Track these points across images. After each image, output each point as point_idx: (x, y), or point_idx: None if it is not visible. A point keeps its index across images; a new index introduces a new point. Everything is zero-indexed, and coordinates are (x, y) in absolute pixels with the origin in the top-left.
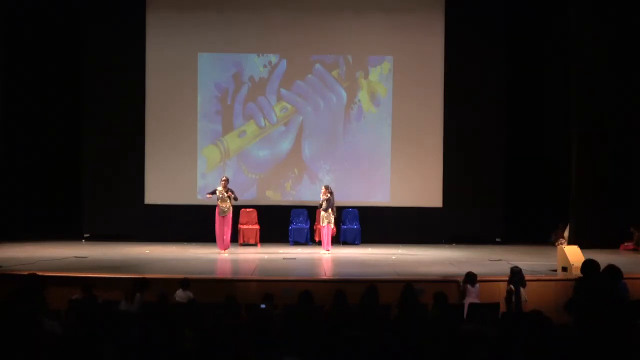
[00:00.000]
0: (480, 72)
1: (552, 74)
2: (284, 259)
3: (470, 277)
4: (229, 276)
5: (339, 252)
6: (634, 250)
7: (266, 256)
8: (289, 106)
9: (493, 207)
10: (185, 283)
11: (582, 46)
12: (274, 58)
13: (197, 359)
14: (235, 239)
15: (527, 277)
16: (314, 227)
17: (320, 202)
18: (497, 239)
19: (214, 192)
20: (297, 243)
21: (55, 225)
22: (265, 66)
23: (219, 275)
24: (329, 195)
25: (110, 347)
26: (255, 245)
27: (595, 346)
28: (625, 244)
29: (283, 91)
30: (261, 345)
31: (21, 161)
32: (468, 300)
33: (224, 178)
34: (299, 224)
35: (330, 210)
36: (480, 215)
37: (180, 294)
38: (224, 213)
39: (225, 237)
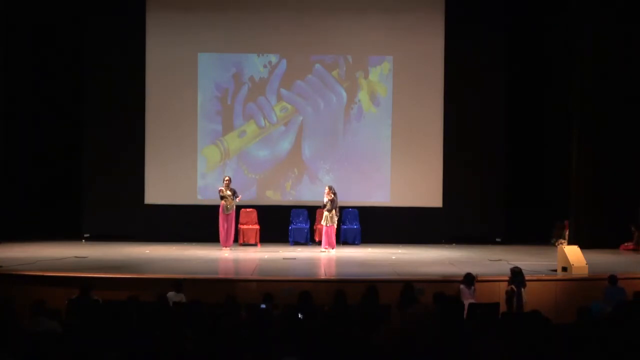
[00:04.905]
0: (480, 72)
1: (553, 74)
2: (284, 259)
3: (467, 279)
4: (229, 276)
5: (339, 252)
6: (634, 250)
7: (266, 256)
8: (289, 106)
9: (493, 207)
10: (177, 284)
11: (583, 45)
12: (274, 58)
13: (197, 359)
14: (235, 239)
15: (527, 277)
16: (314, 227)
17: (325, 202)
18: (497, 239)
19: (222, 197)
20: (297, 243)
21: (55, 225)
22: (265, 66)
23: (219, 275)
24: (332, 195)
25: (111, 347)
26: (255, 245)
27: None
28: (625, 244)
29: (283, 91)
30: (261, 345)
31: (21, 161)
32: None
33: (226, 178)
34: (299, 224)
35: (334, 210)
36: (480, 215)
37: (171, 296)
38: (227, 211)
39: (228, 234)
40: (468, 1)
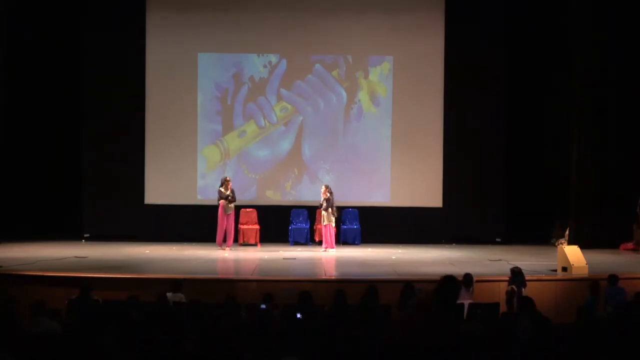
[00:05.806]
0: (480, 73)
1: (553, 73)
2: (284, 259)
3: (465, 280)
4: (229, 276)
5: (339, 252)
6: (634, 250)
7: (266, 256)
8: (289, 106)
9: (493, 207)
10: (175, 285)
11: (583, 45)
12: (274, 58)
13: (197, 359)
14: (235, 239)
15: (527, 277)
16: (314, 227)
17: (321, 202)
18: (497, 239)
19: (225, 197)
20: (297, 243)
21: (55, 225)
22: (265, 66)
23: (219, 275)
24: (328, 194)
25: (111, 348)
26: (255, 245)
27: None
28: (625, 243)
29: (283, 91)
30: (261, 345)
31: (21, 161)
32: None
33: (228, 179)
34: (299, 224)
35: (330, 209)
36: (480, 215)
37: (169, 297)
38: (228, 211)
39: (228, 235)
40: (468, 1)
